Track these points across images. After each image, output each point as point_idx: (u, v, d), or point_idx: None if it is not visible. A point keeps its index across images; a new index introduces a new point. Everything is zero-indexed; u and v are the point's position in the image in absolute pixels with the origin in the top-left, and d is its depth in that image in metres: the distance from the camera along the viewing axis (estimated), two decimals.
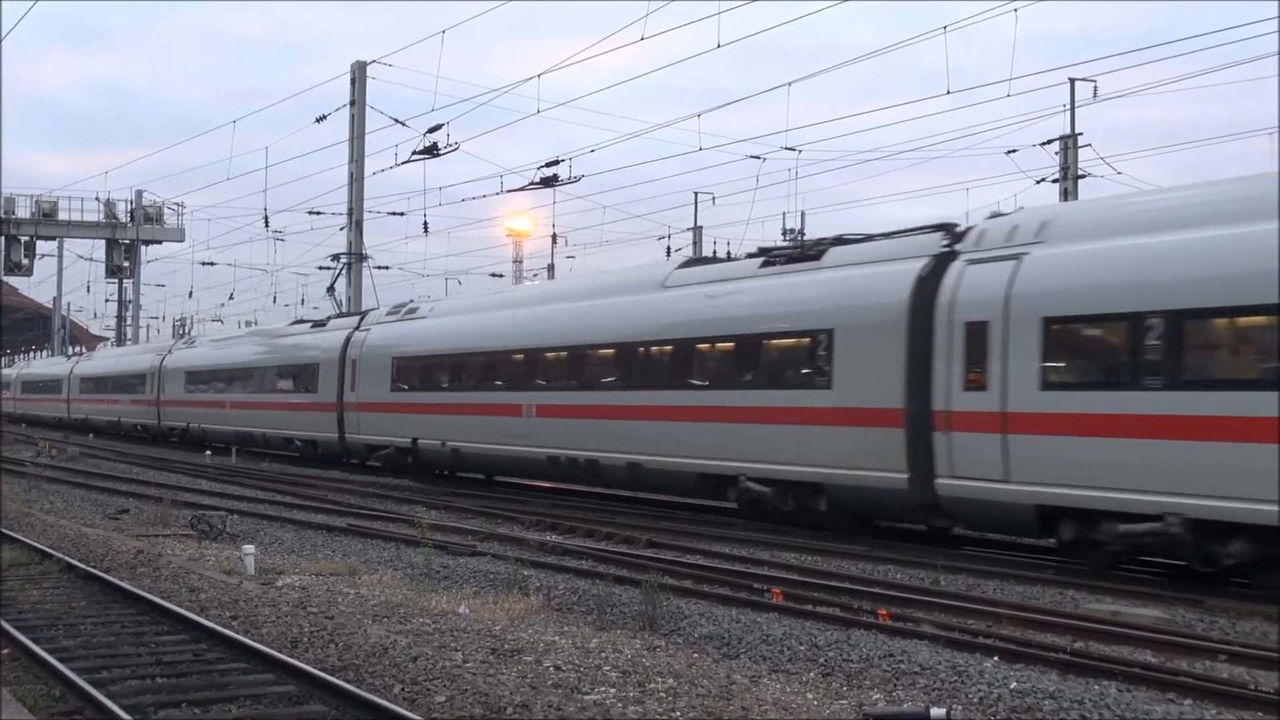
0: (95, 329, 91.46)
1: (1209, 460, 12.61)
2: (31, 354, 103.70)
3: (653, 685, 8.81)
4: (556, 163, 31.46)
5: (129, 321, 71.14)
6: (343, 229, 40.91)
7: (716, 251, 51.17)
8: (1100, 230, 14.19)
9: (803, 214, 49.32)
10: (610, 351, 21.78)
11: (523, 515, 20.30)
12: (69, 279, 78.84)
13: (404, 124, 35.65)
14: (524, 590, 13.06)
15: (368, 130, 38.31)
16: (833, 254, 18.12)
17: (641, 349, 21.01)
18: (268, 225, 46.59)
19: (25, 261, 59.72)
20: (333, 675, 8.62)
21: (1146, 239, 13.55)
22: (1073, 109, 34.68)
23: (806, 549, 16.44)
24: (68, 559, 14.31)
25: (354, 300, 39.22)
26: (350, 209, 39.21)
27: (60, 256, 72.64)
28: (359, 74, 38.29)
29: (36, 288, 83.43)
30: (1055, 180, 35.94)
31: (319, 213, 46.44)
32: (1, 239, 58.15)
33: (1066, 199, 33.75)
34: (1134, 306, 13.31)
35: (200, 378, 42.40)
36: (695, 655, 10.06)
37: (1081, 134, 35.60)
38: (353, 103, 38.29)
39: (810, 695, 8.78)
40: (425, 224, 38.91)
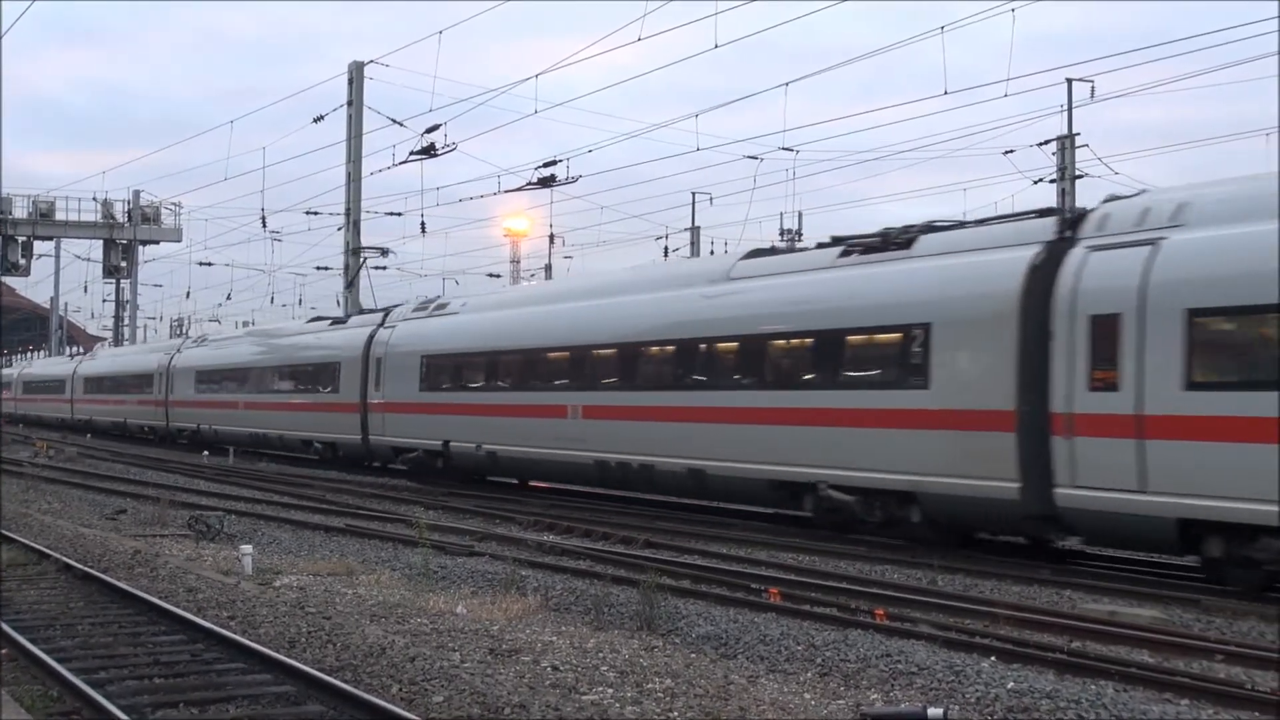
0: (93, 329, 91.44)
1: None
2: (29, 355, 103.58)
3: (650, 685, 8.82)
4: (554, 163, 31.51)
5: (126, 322, 71.06)
6: (340, 229, 40.94)
7: (714, 251, 51.21)
8: (1249, 212, 12.89)
9: (800, 214, 49.41)
10: (668, 348, 20.48)
11: (520, 515, 20.30)
12: (66, 279, 78.73)
13: (401, 124, 35.70)
14: (521, 590, 13.06)
15: (365, 130, 38.30)
16: (924, 242, 16.70)
17: (704, 346, 19.64)
18: (265, 225, 46.64)
19: (22, 261, 59.61)
20: (330, 675, 8.62)
21: None
22: (1070, 109, 34.78)
23: (804, 549, 16.44)
24: (65, 559, 14.30)
25: (352, 300, 39.22)
26: (348, 209, 39.19)
27: (57, 257, 72.57)
28: (356, 74, 38.28)
29: (34, 288, 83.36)
30: (1053, 180, 36.00)
31: (316, 213, 46.52)
32: None
33: (1064, 200, 33.78)
34: None
35: (211, 377, 41.09)
36: (693, 655, 10.06)
37: (1079, 134, 35.73)
38: (350, 103, 38.27)
39: (808, 695, 8.79)
40: (423, 224, 38.95)
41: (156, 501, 21.61)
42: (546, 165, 31.58)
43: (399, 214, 43.08)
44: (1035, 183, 36.61)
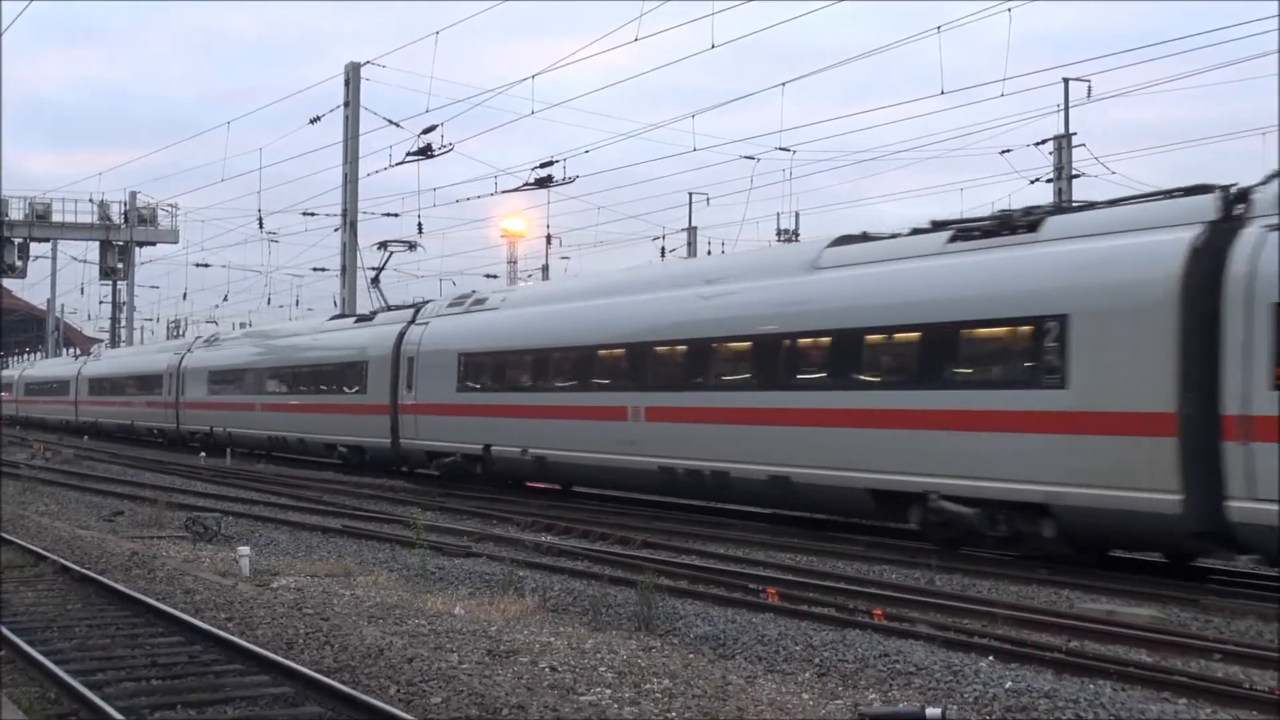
0: (90, 331, 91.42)
1: None
2: (26, 356, 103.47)
3: (648, 686, 8.82)
4: (551, 163, 31.55)
5: (123, 324, 71.03)
6: (337, 230, 40.96)
7: (711, 251, 51.23)
8: None
9: (797, 214, 49.59)
10: (745, 345, 18.88)
11: (518, 516, 20.29)
12: (63, 281, 78.76)
13: (398, 125, 35.69)
14: (519, 591, 13.05)
15: (362, 131, 38.33)
16: (1054, 225, 15.08)
17: (788, 342, 17.99)
18: (262, 227, 46.77)
19: (19, 263, 59.64)
20: (328, 676, 8.61)
21: None
22: (1067, 109, 34.83)
23: (801, 549, 16.44)
24: (62, 561, 14.29)
25: (349, 302, 39.21)
26: (345, 210, 39.21)
27: (54, 258, 72.53)
28: (353, 75, 38.30)
29: (30, 290, 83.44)
30: (1050, 180, 36.03)
31: (313, 214, 46.63)
32: None
33: (1061, 199, 33.81)
34: None
35: (226, 378, 39.36)
36: (691, 656, 10.06)
37: (1076, 134, 35.76)
38: (347, 104, 38.30)
39: (806, 695, 8.79)
40: (420, 225, 38.90)
41: (154, 503, 21.61)
42: (543, 166, 31.64)
43: (396, 215, 43.28)
44: (1032, 182, 36.71)
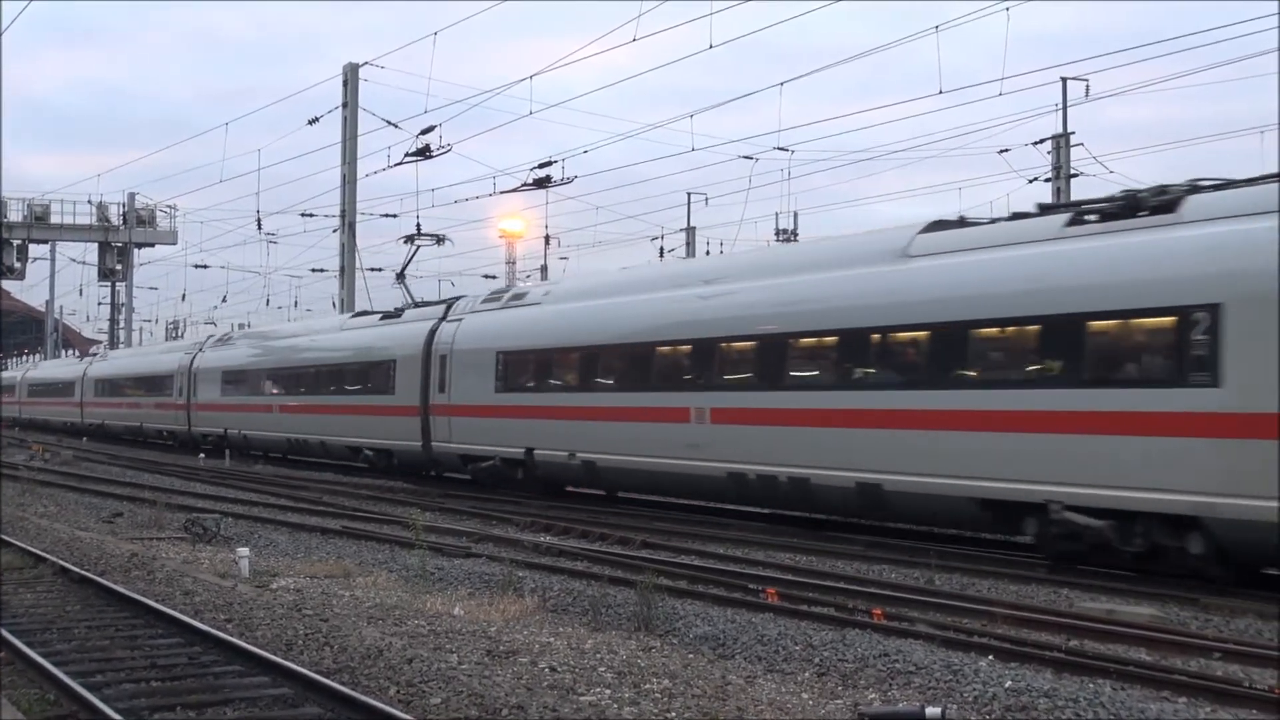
0: (88, 332, 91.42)
1: None
2: (25, 358, 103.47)
3: (648, 686, 8.82)
4: (549, 164, 31.57)
5: (122, 325, 71.01)
6: (335, 231, 40.98)
7: (710, 252, 51.22)
8: None
9: (795, 214, 49.63)
10: (828, 340, 17.41)
11: (517, 516, 20.29)
12: (62, 282, 78.77)
13: (396, 126, 35.69)
14: (519, 592, 13.05)
15: (360, 132, 38.36)
16: (1196, 205, 13.50)
17: (877, 337, 16.57)
18: (260, 228, 46.80)
19: (17, 265, 59.58)
20: (328, 677, 8.62)
21: None
22: (1065, 108, 34.81)
23: (801, 549, 16.43)
24: (62, 563, 14.29)
25: (348, 302, 39.21)
26: (343, 211, 39.23)
27: (53, 260, 72.59)
28: (351, 76, 38.32)
29: (29, 291, 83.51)
30: (1048, 179, 36.04)
31: (312, 215, 46.64)
32: None
33: (1059, 199, 33.82)
34: None
35: (241, 378, 37.95)
36: (690, 656, 10.06)
37: (1074, 133, 35.74)
38: (345, 105, 38.33)
39: (805, 695, 8.79)
40: (418, 225, 38.78)
41: (153, 504, 21.63)
42: (542, 166, 31.68)
43: (395, 215, 43.34)
44: (1030, 181, 36.72)
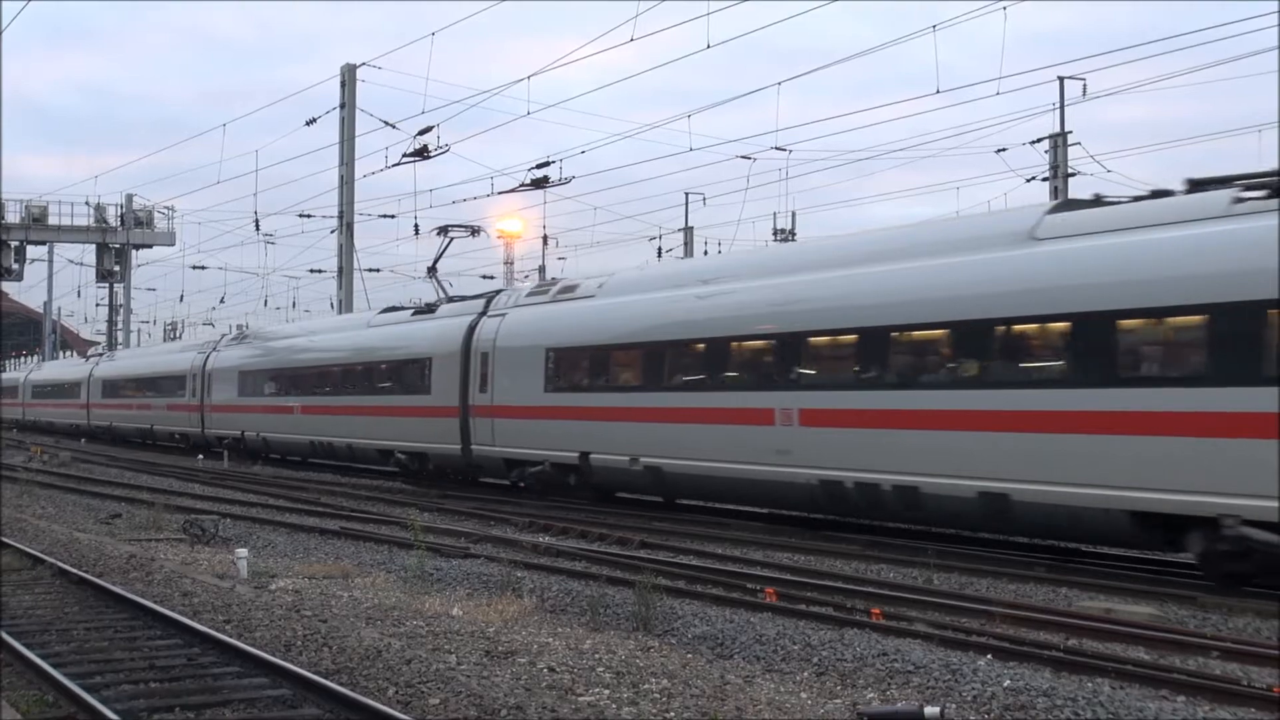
0: (86, 333, 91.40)
1: None
2: (24, 359, 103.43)
3: (647, 686, 8.82)
4: (547, 164, 31.57)
5: (120, 326, 70.99)
6: (333, 232, 40.98)
7: (708, 251, 51.20)
8: None
9: (794, 214, 49.65)
10: (940, 333, 15.89)
11: (515, 517, 20.29)
12: (60, 283, 78.82)
13: (394, 126, 35.70)
14: (517, 592, 13.05)
15: (358, 133, 38.36)
16: None
17: (1001, 328, 15.06)
18: (258, 229, 46.79)
19: (15, 266, 59.60)
20: (327, 678, 8.62)
21: None
22: (1062, 107, 34.78)
23: (800, 549, 16.44)
24: (60, 564, 14.28)
25: (346, 303, 39.21)
26: (341, 211, 39.23)
27: (51, 261, 72.57)
28: (349, 77, 38.33)
29: (27, 293, 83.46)
30: (1045, 179, 36.03)
31: (309, 216, 46.62)
32: None
33: (1056, 198, 33.83)
34: None
35: (260, 378, 36.39)
36: (689, 656, 10.07)
37: (1071, 132, 35.70)
38: (343, 105, 38.34)
39: (804, 695, 8.79)
40: (416, 226, 38.87)
41: (151, 506, 21.63)
42: (540, 166, 31.68)
43: (393, 216, 43.34)
44: (1028, 181, 36.69)
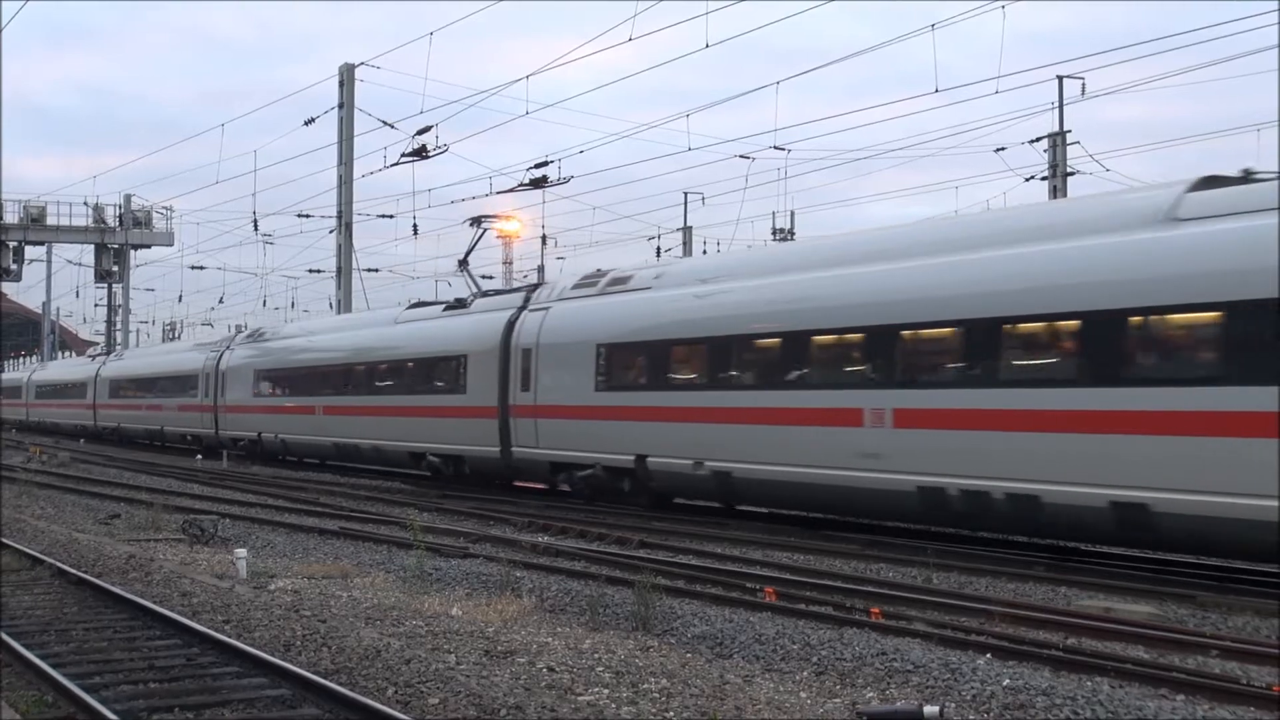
0: (85, 334, 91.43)
1: None
2: (23, 359, 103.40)
3: (646, 685, 8.82)
4: (546, 163, 31.58)
5: (119, 326, 70.97)
6: (332, 232, 40.97)
7: (707, 251, 51.17)
8: None
9: (792, 213, 49.61)
10: (1064, 324, 14.34)
11: (515, 517, 20.29)
12: (58, 284, 78.84)
13: (393, 126, 35.71)
14: (517, 592, 13.05)
15: (356, 133, 38.36)
16: None
17: (1138, 319, 13.53)
18: (257, 229, 46.81)
19: (14, 267, 59.60)
20: (326, 678, 8.62)
21: None
22: (1061, 106, 34.78)
23: (799, 548, 16.44)
24: (59, 564, 14.27)
25: (345, 303, 39.18)
26: (340, 211, 39.23)
27: (49, 261, 72.58)
28: (347, 76, 38.34)
29: (26, 293, 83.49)
30: (1044, 178, 36.03)
31: (308, 215, 46.65)
32: None
33: (1055, 197, 33.82)
34: None
35: (278, 377, 35.18)
36: (688, 655, 10.07)
37: (1070, 131, 35.71)
38: (341, 105, 38.35)
39: (804, 694, 8.79)
40: (415, 226, 38.94)
41: (150, 506, 21.62)
42: (538, 166, 31.68)
43: (391, 216, 43.37)
44: (1027, 180, 36.70)
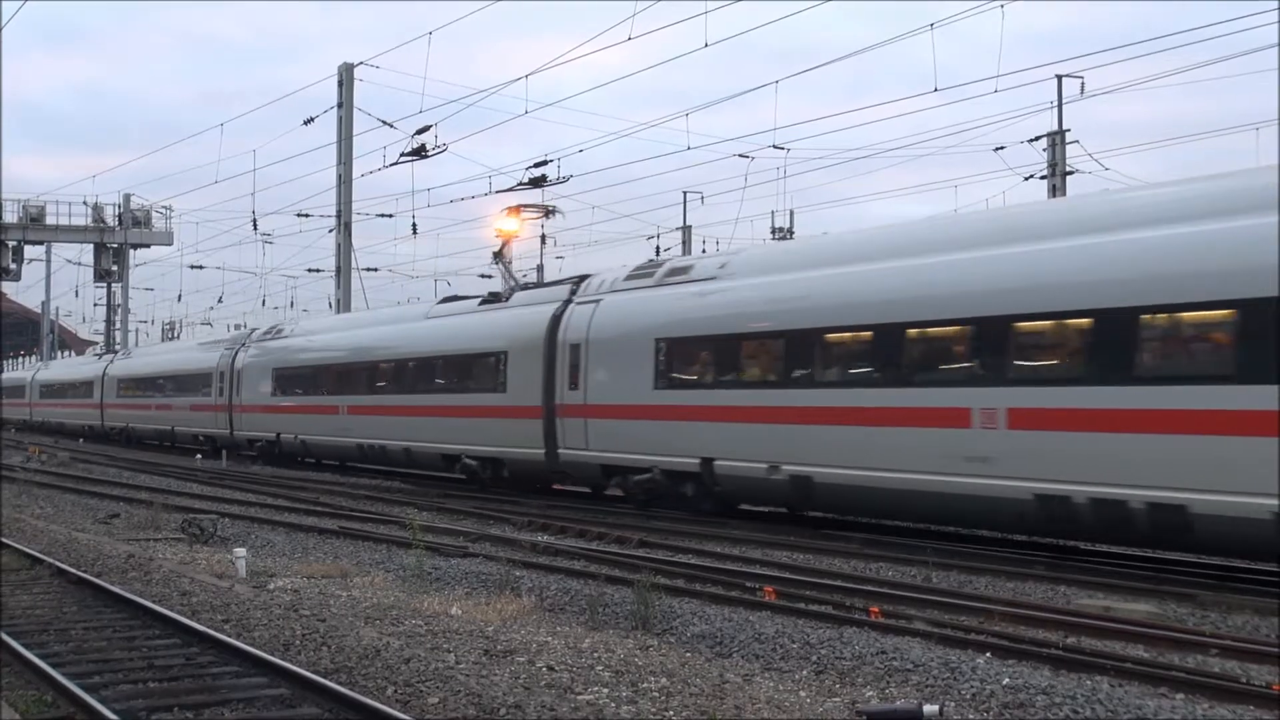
0: (84, 333, 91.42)
1: None
2: (22, 359, 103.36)
3: (646, 685, 8.82)
4: (545, 163, 31.61)
5: (118, 326, 70.98)
6: (331, 231, 40.97)
7: (704, 251, 51.17)
8: None
9: (791, 212, 49.56)
10: (1217, 314, 12.82)
11: (514, 516, 20.29)
12: (57, 283, 78.79)
13: (392, 126, 35.74)
14: (516, 591, 13.06)
15: (356, 132, 38.39)
16: None
17: None
18: (256, 228, 46.85)
19: (13, 266, 59.64)
20: (325, 678, 8.61)
21: None
22: (1060, 105, 34.78)
23: (798, 547, 16.44)
24: (58, 564, 14.27)
25: (344, 302, 39.18)
26: (339, 211, 39.23)
27: (49, 261, 72.56)
28: (346, 76, 38.35)
29: (25, 293, 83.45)
30: (1044, 177, 36.04)
31: (307, 215, 46.62)
32: None
33: (1055, 196, 33.82)
34: None
35: (299, 376, 33.94)
36: (688, 654, 10.07)
37: (1069, 130, 35.71)
38: (340, 105, 38.36)
39: (803, 693, 8.79)
40: (414, 225, 38.93)
41: (150, 505, 21.63)
42: (537, 165, 31.72)
43: (390, 215, 43.35)
44: (1026, 179, 36.71)
